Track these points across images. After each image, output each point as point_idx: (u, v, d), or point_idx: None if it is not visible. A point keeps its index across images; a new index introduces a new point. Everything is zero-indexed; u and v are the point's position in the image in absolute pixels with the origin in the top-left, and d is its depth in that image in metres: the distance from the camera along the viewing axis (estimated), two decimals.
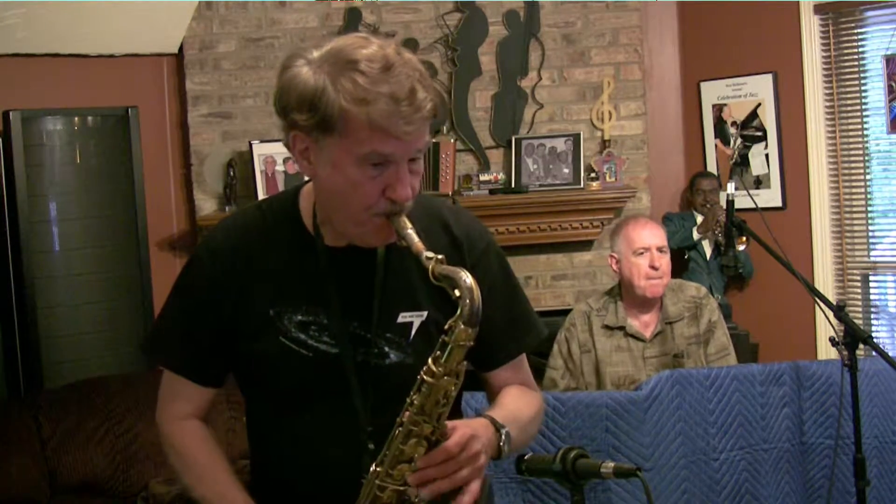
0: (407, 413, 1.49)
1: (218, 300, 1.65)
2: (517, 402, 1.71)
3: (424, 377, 1.48)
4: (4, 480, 3.64)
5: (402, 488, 1.51)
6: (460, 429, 1.49)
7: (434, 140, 4.69)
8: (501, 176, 4.80)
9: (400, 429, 1.50)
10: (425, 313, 1.65)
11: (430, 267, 1.48)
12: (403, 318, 1.64)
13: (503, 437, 1.57)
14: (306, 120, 1.49)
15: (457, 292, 1.46)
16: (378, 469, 1.52)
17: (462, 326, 1.45)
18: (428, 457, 1.48)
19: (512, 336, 1.75)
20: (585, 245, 4.92)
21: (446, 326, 1.48)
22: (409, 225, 1.52)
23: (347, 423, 1.62)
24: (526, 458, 1.73)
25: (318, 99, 1.47)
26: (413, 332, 1.65)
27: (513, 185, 4.77)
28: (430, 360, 1.48)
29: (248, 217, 1.70)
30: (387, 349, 1.64)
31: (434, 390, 1.47)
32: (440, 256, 1.49)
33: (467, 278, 1.46)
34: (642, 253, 3.36)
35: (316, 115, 1.48)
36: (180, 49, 4.76)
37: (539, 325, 1.79)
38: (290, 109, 1.51)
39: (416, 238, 1.51)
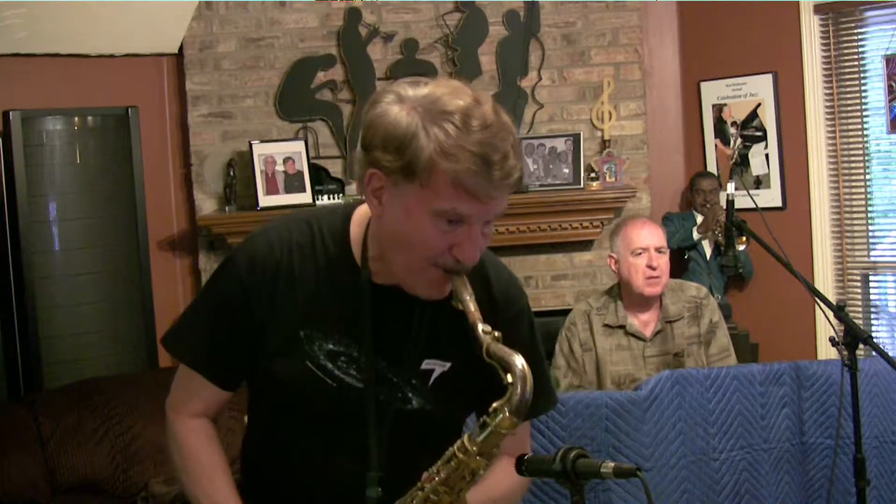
0: (429, 482, 1.48)
1: (249, 309, 1.60)
2: (502, 485, 1.69)
3: (457, 452, 1.46)
4: (4, 480, 3.64)
5: None
6: None
7: None
8: None
9: (420, 492, 1.49)
10: (448, 364, 1.62)
11: (486, 344, 1.43)
12: (427, 364, 1.61)
13: None
14: (390, 161, 1.43)
15: (509, 377, 1.41)
16: None
17: (507, 415, 1.42)
18: None
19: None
20: (585, 245, 4.92)
21: (490, 409, 1.44)
22: (469, 290, 1.48)
23: (356, 461, 1.58)
24: (526, 458, 1.72)
25: (406, 143, 1.42)
26: (432, 379, 1.63)
27: None
28: (465, 437, 1.46)
29: (294, 231, 1.63)
30: (410, 395, 1.61)
31: (462, 467, 1.46)
32: (497, 333, 1.44)
33: (521, 365, 1.41)
34: (640, 253, 3.36)
35: (401, 160, 1.42)
36: (180, 49, 4.76)
37: (553, 395, 1.78)
38: (374, 147, 1.45)
39: (472, 307, 1.46)
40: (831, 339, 2.81)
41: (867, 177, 4.77)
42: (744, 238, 3.28)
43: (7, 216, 4.20)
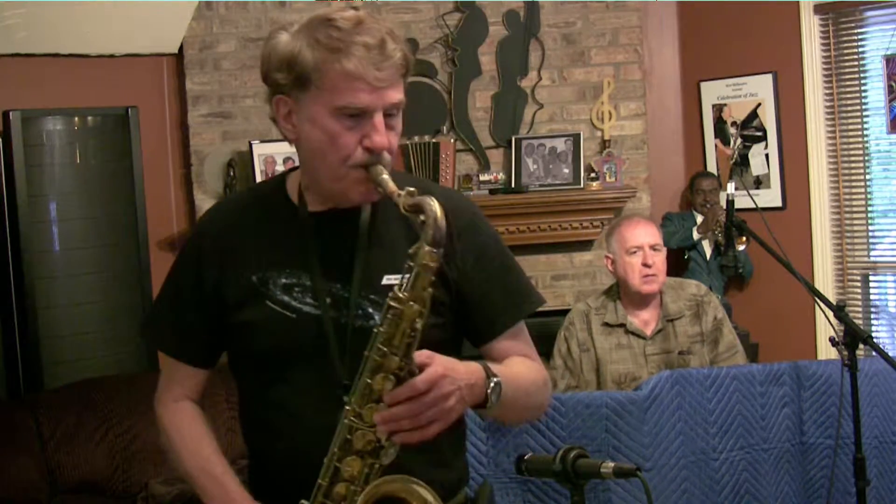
0: (373, 344, 1.48)
1: (203, 275, 1.69)
2: (519, 367, 1.68)
3: (390, 303, 1.47)
4: (4, 480, 3.63)
5: (371, 430, 1.48)
6: (431, 365, 1.45)
7: (434, 140, 4.69)
8: (501, 176, 4.81)
9: (367, 362, 1.48)
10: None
11: (401, 202, 1.50)
12: (388, 280, 1.63)
13: (492, 384, 1.54)
14: (285, 78, 1.57)
15: (422, 217, 1.47)
16: (347, 408, 1.50)
17: (426, 248, 1.45)
18: (393, 393, 1.45)
19: (507, 304, 1.73)
20: (585, 245, 4.92)
21: (410, 251, 1.47)
22: (385, 172, 1.56)
23: (328, 384, 1.60)
24: (526, 458, 1.73)
25: (294, 56, 1.55)
26: None
27: (513, 185, 4.77)
28: (395, 288, 1.47)
29: (236, 197, 1.82)
30: (371, 311, 1.63)
31: (401, 318, 1.46)
32: (412, 189, 1.50)
33: (433, 203, 1.47)
34: (635, 251, 3.37)
35: (293, 72, 1.55)
36: (180, 49, 4.76)
37: (535, 293, 1.78)
38: (270, 72, 1.59)
39: (390, 182, 1.54)
40: (831, 339, 2.82)
41: (867, 177, 4.77)
42: (744, 238, 3.29)
43: (7, 216, 4.19)
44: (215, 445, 1.75)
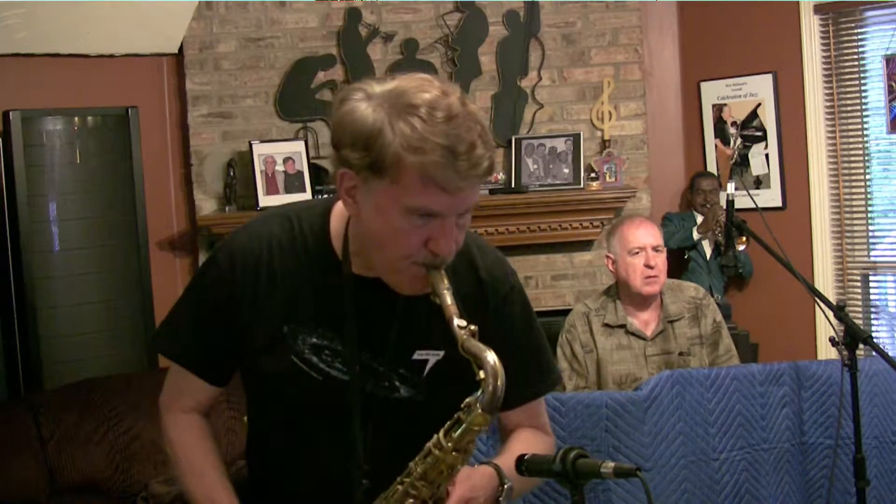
0: (408, 478, 1.49)
1: (232, 304, 1.61)
2: (527, 450, 1.69)
3: (432, 449, 1.47)
4: (4, 480, 3.64)
5: None
6: (458, 488, 1.48)
7: None
8: (501, 176, 4.80)
9: (399, 486, 1.49)
10: (442, 353, 1.62)
11: (461, 341, 1.44)
12: (419, 355, 1.61)
13: (504, 492, 1.57)
14: (358, 159, 1.43)
15: (481, 374, 1.42)
16: None
17: (479, 411, 1.43)
18: None
19: (528, 380, 1.71)
20: (585, 245, 4.92)
21: (463, 404, 1.45)
22: (446, 284, 1.48)
23: (343, 451, 1.59)
24: (526, 458, 1.72)
25: (373, 139, 1.41)
26: (427, 369, 1.62)
27: (513, 185, 4.77)
28: (440, 432, 1.47)
29: (274, 225, 1.63)
30: (398, 384, 1.61)
31: (439, 462, 1.47)
32: (473, 328, 1.45)
33: (494, 361, 1.42)
34: (637, 252, 3.37)
35: (369, 156, 1.42)
36: (180, 49, 4.76)
37: (556, 371, 1.79)
38: (343, 145, 1.45)
39: (449, 300, 1.46)
40: (831, 339, 2.82)
41: (867, 177, 4.77)
42: (744, 238, 3.29)
43: (7, 216, 4.19)
44: (222, 469, 1.70)
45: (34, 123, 4.28)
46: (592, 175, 4.79)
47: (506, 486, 1.56)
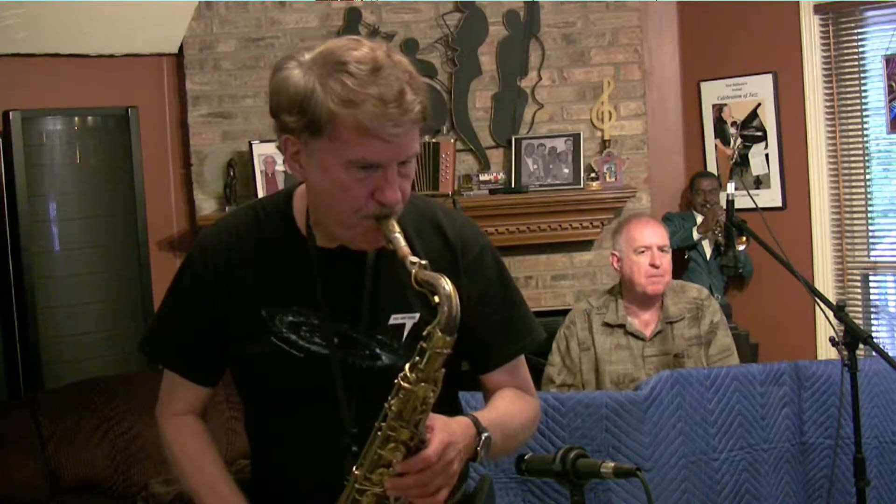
0: (385, 418, 1.49)
1: (209, 300, 1.66)
2: (509, 408, 1.70)
3: (402, 383, 1.47)
4: (4, 480, 3.63)
5: (380, 491, 1.51)
6: (438, 434, 1.48)
7: (434, 140, 4.69)
8: (501, 176, 4.81)
9: (378, 433, 1.50)
10: (417, 315, 1.63)
11: (413, 272, 1.47)
12: (395, 319, 1.63)
13: (481, 440, 1.56)
14: (296, 122, 1.49)
15: (436, 299, 1.45)
16: (357, 472, 1.52)
17: (439, 334, 1.45)
18: (406, 464, 1.47)
19: (508, 339, 1.73)
20: (585, 245, 4.92)
21: (425, 333, 1.47)
22: (396, 229, 1.51)
23: (332, 425, 1.61)
24: (526, 458, 1.73)
25: (306, 101, 1.47)
26: (406, 333, 1.64)
27: (513, 185, 4.77)
28: (406, 367, 1.48)
29: (241, 217, 1.70)
30: (378, 351, 1.63)
31: (411, 397, 1.47)
32: (424, 262, 1.47)
33: (447, 285, 1.44)
34: (643, 251, 3.37)
35: (305, 118, 1.48)
36: (180, 49, 4.76)
37: (537, 328, 1.78)
38: (280, 111, 1.51)
39: (402, 242, 1.50)
40: (831, 339, 2.82)
41: (867, 177, 4.77)
42: (744, 238, 3.29)
43: (7, 216, 4.20)
44: (220, 462, 1.73)
45: (34, 123, 4.28)
46: (592, 175, 4.80)
47: (483, 436, 1.56)
